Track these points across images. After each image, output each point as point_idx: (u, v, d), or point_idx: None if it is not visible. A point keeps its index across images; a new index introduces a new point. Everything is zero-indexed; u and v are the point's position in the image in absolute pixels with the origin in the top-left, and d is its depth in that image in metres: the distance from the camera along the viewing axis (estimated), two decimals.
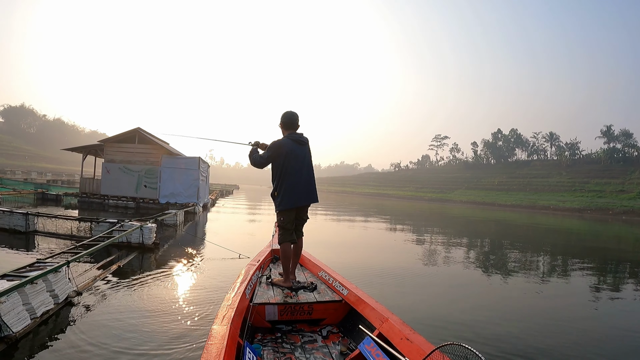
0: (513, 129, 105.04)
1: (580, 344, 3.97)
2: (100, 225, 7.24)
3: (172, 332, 3.43)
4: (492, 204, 64.45)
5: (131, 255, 6.43)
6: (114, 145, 16.00)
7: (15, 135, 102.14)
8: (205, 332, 3.38)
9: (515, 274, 7.45)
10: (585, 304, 5.66)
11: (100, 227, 7.22)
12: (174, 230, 10.19)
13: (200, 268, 6.07)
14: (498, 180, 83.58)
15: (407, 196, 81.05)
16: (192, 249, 7.53)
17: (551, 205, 57.90)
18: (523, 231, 19.26)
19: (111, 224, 7.13)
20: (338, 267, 4.07)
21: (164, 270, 5.66)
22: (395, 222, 19.43)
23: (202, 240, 9.04)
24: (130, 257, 6.30)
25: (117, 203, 15.49)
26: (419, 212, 32.70)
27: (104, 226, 7.19)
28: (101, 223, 7.27)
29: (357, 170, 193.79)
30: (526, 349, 3.67)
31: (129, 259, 6.16)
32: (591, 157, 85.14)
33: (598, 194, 60.74)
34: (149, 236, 6.92)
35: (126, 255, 6.45)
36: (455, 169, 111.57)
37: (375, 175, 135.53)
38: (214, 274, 5.76)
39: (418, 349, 2.02)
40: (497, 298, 5.68)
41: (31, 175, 46.87)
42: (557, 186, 70.46)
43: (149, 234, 6.91)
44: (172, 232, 9.86)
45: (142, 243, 6.89)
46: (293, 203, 3.47)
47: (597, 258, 10.71)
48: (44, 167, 75.80)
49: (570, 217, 39.68)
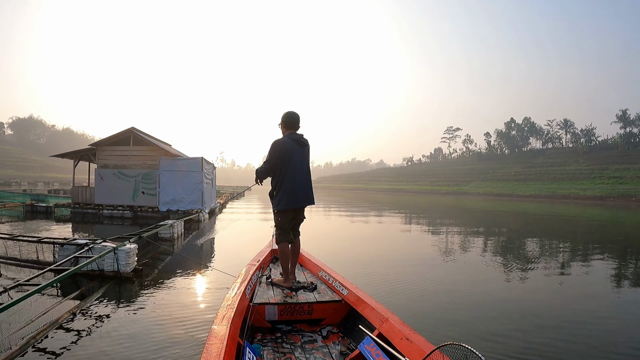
0: (526, 118, 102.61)
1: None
2: (65, 249, 5.51)
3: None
4: (511, 195, 62.50)
5: (98, 291, 4.68)
6: (107, 148, 14.35)
7: (25, 147, 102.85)
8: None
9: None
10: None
11: (64, 251, 5.49)
12: (171, 245, 8.41)
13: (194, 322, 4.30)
14: (514, 170, 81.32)
15: (423, 190, 79.03)
16: (188, 279, 5.57)
17: (572, 194, 56.19)
18: (559, 224, 17.21)
19: (77, 247, 5.39)
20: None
21: (134, 321, 3.89)
22: (431, 221, 17.49)
23: (204, 263, 6.81)
24: (96, 294, 4.55)
25: (112, 213, 13.85)
26: (445, 207, 30.51)
27: (69, 250, 5.46)
28: (66, 246, 5.53)
29: (368, 167, 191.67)
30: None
31: (92, 298, 4.41)
32: (608, 143, 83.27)
33: (619, 180, 58.96)
34: (126, 262, 5.16)
35: (92, 290, 4.74)
36: (469, 160, 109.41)
37: (388, 170, 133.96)
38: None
39: (418, 349, 2.00)
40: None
41: (37, 185, 46.13)
42: (575, 174, 68.56)
43: (125, 259, 5.14)
44: (169, 247, 8.06)
45: (117, 271, 5.15)
46: (291, 204, 3.44)
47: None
48: (54, 177, 75.75)
49: (592, 206, 37.51)
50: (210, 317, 3.91)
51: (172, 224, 8.89)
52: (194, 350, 3.12)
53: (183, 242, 9.12)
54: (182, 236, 9.79)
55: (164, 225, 8.64)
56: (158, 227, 8.35)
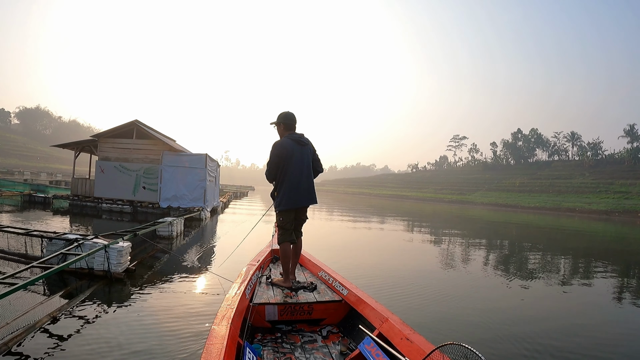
0: (533, 129, 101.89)
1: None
2: (53, 244, 5.10)
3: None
4: (515, 206, 61.74)
5: (85, 292, 4.27)
6: (109, 140, 13.97)
7: (31, 137, 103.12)
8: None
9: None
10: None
11: (52, 246, 5.09)
12: (169, 244, 7.99)
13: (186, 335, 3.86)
14: (519, 181, 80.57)
15: (427, 198, 78.33)
16: (184, 282, 5.10)
17: (577, 208, 55.27)
18: (565, 238, 16.68)
19: (66, 243, 4.98)
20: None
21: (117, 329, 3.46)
22: (437, 230, 17.01)
23: (202, 265, 6.32)
24: (82, 295, 4.13)
25: (111, 207, 13.45)
26: (450, 216, 29.97)
27: (57, 245, 5.06)
28: (54, 240, 5.12)
29: (373, 172, 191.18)
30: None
31: (77, 300, 3.98)
32: (614, 157, 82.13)
33: (624, 195, 57.86)
34: (118, 261, 4.74)
35: (80, 290, 4.33)
36: (474, 170, 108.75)
37: (392, 176, 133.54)
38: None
39: (418, 348, 1.99)
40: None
41: (40, 176, 45.93)
42: (580, 187, 67.70)
43: (117, 257, 4.71)
44: (166, 246, 7.63)
45: (108, 270, 4.73)
46: (292, 204, 3.42)
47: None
48: (58, 168, 75.72)
49: (597, 220, 36.86)
50: (206, 326, 3.50)
51: (171, 222, 8.47)
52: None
53: (182, 241, 8.67)
54: (182, 235, 9.36)
55: (162, 222, 8.22)
56: (156, 225, 7.93)
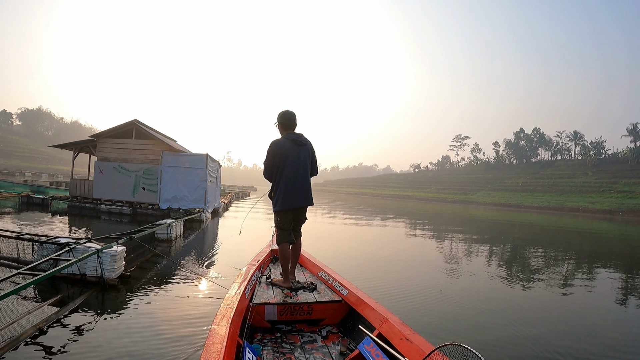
0: (536, 128, 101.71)
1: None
2: (45, 248, 4.85)
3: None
4: (518, 205, 61.49)
5: (76, 300, 4.01)
6: (108, 140, 13.73)
7: (32, 138, 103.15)
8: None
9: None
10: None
11: (43, 250, 4.84)
12: (168, 247, 7.72)
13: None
14: (522, 181, 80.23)
15: (430, 198, 78.09)
16: (182, 290, 4.80)
17: (580, 207, 55.10)
18: (569, 238, 16.36)
19: (58, 247, 4.73)
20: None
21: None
22: (439, 230, 16.74)
23: (202, 271, 5.91)
24: (72, 304, 3.88)
25: (110, 208, 13.21)
26: (453, 215, 29.65)
27: (48, 249, 4.81)
28: (45, 244, 4.88)
29: (375, 172, 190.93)
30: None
31: (68, 308, 3.72)
32: (617, 157, 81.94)
33: (628, 195, 57.59)
34: (111, 266, 4.49)
35: (71, 297, 4.08)
36: (476, 169, 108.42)
37: (394, 176, 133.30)
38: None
39: (418, 349, 1.98)
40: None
41: (41, 177, 45.81)
42: (584, 187, 67.49)
43: (110, 263, 4.46)
44: (165, 250, 7.37)
45: (101, 276, 4.48)
46: (289, 204, 3.39)
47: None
48: (59, 169, 75.65)
49: (601, 220, 36.50)
50: (203, 335, 3.24)
51: (170, 224, 8.20)
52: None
53: (182, 244, 8.40)
54: (181, 237, 9.10)
55: (161, 224, 7.96)
56: (154, 227, 7.68)
